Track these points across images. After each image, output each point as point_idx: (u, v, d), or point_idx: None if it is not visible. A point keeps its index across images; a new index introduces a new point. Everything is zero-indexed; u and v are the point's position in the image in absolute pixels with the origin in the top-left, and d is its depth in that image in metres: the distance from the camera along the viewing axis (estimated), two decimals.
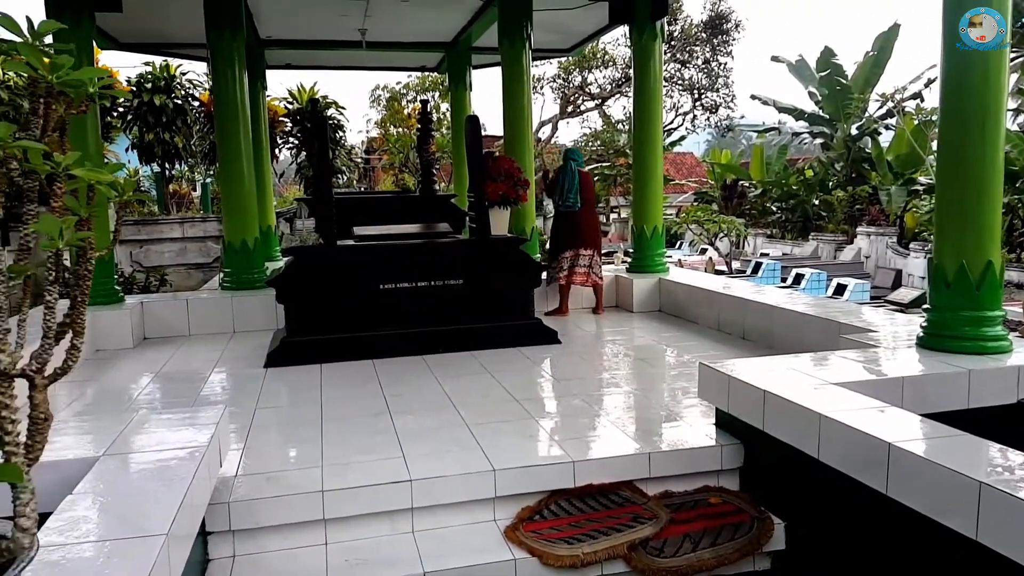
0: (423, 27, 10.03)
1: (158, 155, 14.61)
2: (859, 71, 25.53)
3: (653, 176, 8.11)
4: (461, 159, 10.61)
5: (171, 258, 12.62)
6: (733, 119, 30.82)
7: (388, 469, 3.48)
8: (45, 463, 1.40)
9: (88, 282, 1.32)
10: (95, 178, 1.21)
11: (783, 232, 25.94)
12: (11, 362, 1.24)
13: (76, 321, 1.30)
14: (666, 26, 8.09)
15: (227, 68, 7.19)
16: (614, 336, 6.71)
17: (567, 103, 29.03)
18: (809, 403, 3.21)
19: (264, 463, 3.62)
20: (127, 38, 9.83)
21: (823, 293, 15.58)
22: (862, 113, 25.43)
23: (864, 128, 25.43)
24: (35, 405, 1.32)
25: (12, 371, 1.25)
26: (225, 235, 7.52)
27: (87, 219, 1.27)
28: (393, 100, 26.53)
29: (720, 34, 27.87)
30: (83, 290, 1.32)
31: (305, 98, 16.21)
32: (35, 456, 1.29)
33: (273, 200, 12.77)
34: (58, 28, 1.26)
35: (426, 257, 6.22)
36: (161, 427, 3.14)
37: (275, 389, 5.14)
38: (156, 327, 6.92)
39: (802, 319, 5.66)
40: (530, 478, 3.51)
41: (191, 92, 15.08)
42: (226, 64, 7.19)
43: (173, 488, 2.46)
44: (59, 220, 1.18)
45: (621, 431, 4.02)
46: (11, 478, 1.18)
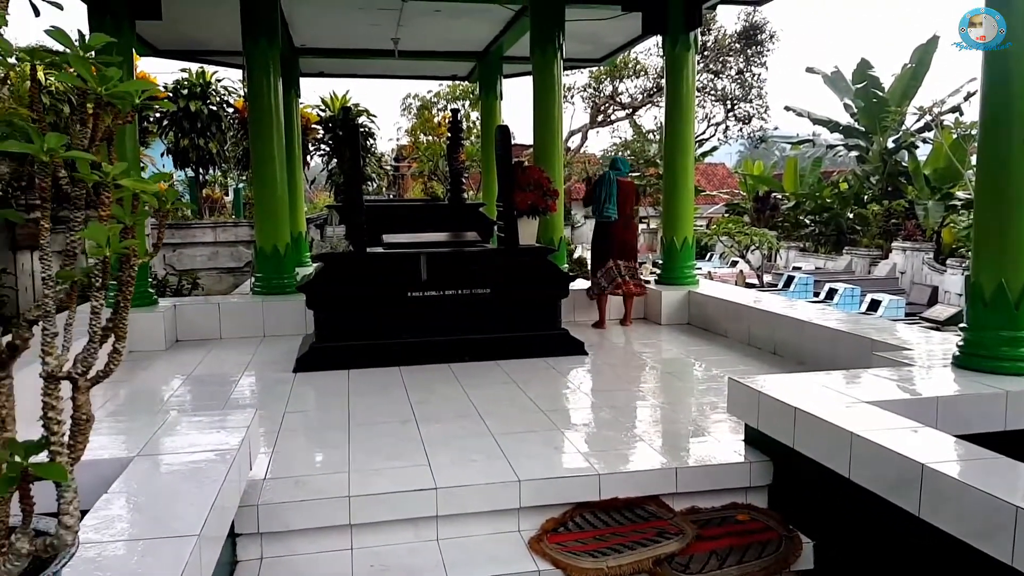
0: (455, 36, 10.12)
1: (192, 160, 14.85)
2: (896, 83, 25.27)
3: (684, 187, 8.09)
4: (490, 168, 10.67)
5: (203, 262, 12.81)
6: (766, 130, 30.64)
7: (414, 476, 3.51)
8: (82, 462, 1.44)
9: (131, 288, 1.36)
10: (141, 188, 1.25)
11: (816, 246, 25.68)
12: (58, 365, 1.29)
13: (119, 326, 1.35)
14: (699, 37, 8.06)
15: (262, 75, 7.31)
16: (642, 348, 6.70)
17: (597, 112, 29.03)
18: (841, 421, 3.19)
19: (292, 467, 3.66)
20: (165, 45, 10.04)
21: (856, 309, 15.39)
22: (899, 126, 25.13)
23: (901, 141, 25.13)
24: (77, 406, 1.36)
25: (59, 373, 1.29)
26: (257, 240, 7.63)
27: (131, 227, 1.32)
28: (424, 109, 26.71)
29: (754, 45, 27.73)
30: (125, 295, 1.37)
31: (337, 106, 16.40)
32: (77, 456, 1.34)
33: (304, 206, 12.92)
34: (107, 41, 1.30)
35: (454, 266, 6.26)
36: (193, 429, 3.20)
37: (304, 394, 5.20)
38: (188, 330, 7.03)
39: (834, 335, 5.61)
40: (555, 490, 3.52)
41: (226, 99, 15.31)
42: (261, 72, 7.31)
43: (204, 490, 2.51)
44: (106, 228, 1.23)
45: (648, 445, 4.01)
46: (56, 477, 1.22)
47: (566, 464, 3.75)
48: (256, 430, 3.42)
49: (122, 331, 1.34)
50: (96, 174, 1.20)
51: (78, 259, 1.37)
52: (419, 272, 6.11)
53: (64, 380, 1.30)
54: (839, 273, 21.10)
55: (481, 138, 12.79)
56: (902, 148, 25.07)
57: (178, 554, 2.06)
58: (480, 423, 4.38)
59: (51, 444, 1.28)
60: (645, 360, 6.26)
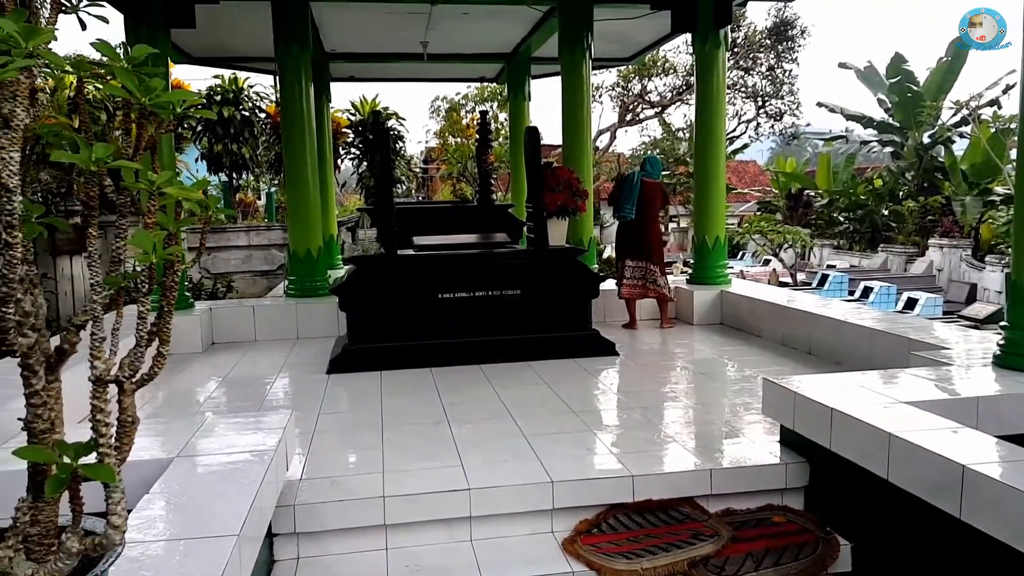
0: (483, 39, 10.15)
1: (226, 165, 15.05)
2: (931, 77, 24.87)
3: (715, 185, 8.04)
4: (519, 169, 10.69)
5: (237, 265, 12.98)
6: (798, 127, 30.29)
7: (447, 477, 3.54)
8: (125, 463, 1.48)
9: (174, 293, 1.40)
10: (185, 195, 1.29)
11: (850, 243, 25.34)
12: (106, 368, 1.32)
13: (163, 329, 1.38)
14: (729, 34, 8.00)
15: (294, 81, 7.40)
16: (674, 349, 6.67)
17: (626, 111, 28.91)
18: (878, 422, 3.15)
19: (327, 468, 3.71)
20: (199, 52, 10.19)
21: (892, 307, 15.18)
22: (934, 121, 24.74)
23: (937, 136, 24.73)
24: (123, 409, 1.40)
25: (107, 377, 1.33)
26: (290, 244, 7.72)
27: (175, 234, 1.35)
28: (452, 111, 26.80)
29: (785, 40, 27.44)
30: (169, 300, 1.40)
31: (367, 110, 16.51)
32: (123, 457, 1.37)
33: (335, 209, 13.04)
34: (150, 53, 1.34)
35: (484, 267, 6.29)
36: (231, 431, 3.25)
37: (337, 395, 5.26)
38: (224, 332, 7.14)
39: (871, 335, 5.54)
40: (588, 491, 3.52)
41: (258, 104, 15.50)
42: (293, 77, 7.40)
43: (243, 490, 2.56)
44: (152, 235, 1.26)
45: (681, 446, 4.00)
46: (105, 478, 1.26)
47: (599, 465, 3.75)
48: (292, 431, 3.47)
49: (166, 335, 1.38)
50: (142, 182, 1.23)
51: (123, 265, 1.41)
52: (449, 274, 6.15)
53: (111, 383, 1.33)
54: (874, 271, 20.82)
55: (509, 139, 12.81)
56: (938, 143, 24.67)
57: (218, 554, 2.10)
58: (512, 424, 4.39)
59: (99, 446, 1.31)
60: (677, 361, 6.24)
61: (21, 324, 1.31)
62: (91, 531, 1.43)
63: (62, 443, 1.32)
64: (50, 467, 1.34)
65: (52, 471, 1.30)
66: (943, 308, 15.64)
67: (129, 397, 1.39)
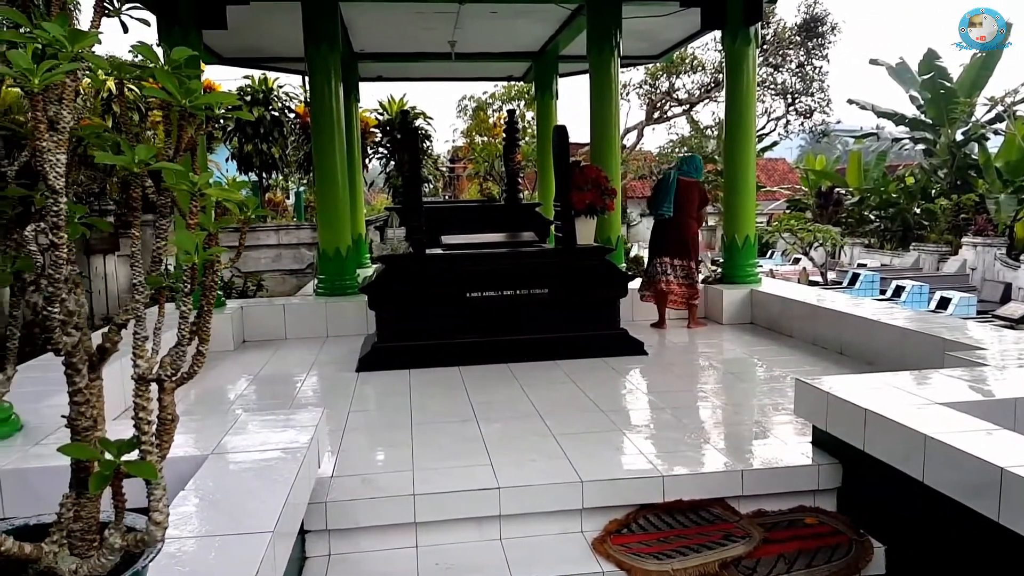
0: (511, 37, 10.15)
1: (256, 165, 15.22)
2: (965, 74, 24.44)
3: (745, 183, 7.97)
4: (547, 168, 10.68)
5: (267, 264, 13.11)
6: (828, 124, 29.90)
7: (476, 476, 3.55)
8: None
9: (214, 293, 1.42)
10: (225, 197, 1.30)
11: (882, 242, 25.00)
12: (148, 367, 1.34)
13: (203, 328, 1.40)
14: (759, 31, 7.93)
15: (323, 81, 7.45)
16: (703, 348, 6.63)
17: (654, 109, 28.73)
18: (913, 423, 3.11)
19: (358, 465, 3.74)
20: (229, 53, 10.30)
21: (925, 307, 14.96)
22: (968, 118, 24.30)
23: (970, 133, 24.30)
24: (164, 406, 1.42)
25: (150, 376, 1.35)
26: (320, 243, 7.78)
27: (215, 234, 1.37)
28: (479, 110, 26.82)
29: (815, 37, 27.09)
30: (209, 300, 1.42)
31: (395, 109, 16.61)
32: (164, 454, 1.39)
33: (364, 209, 13.12)
34: (189, 55, 1.35)
35: (512, 266, 6.29)
36: (264, 428, 3.28)
37: (367, 393, 5.29)
38: (254, 330, 7.21)
39: (903, 335, 5.47)
40: (618, 491, 3.51)
41: (287, 104, 15.65)
42: (323, 77, 7.44)
43: (277, 488, 2.58)
44: (194, 236, 1.28)
45: (712, 446, 3.98)
46: (146, 475, 1.28)
47: (628, 465, 3.74)
48: (323, 429, 3.49)
49: (206, 333, 1.40)
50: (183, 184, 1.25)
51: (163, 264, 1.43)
52: (477, 273, 6.16)
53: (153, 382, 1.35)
54: (906, 270, 20.53)
55: (537, 138, 12.80)
56: (972, 140, 24.24)
57: (253, 550, 2.12)
58: (540, 423, 4.39)
59: (142, 443, 1.33)
60: (707, 360, 6.20)
61: (65, 323, 1.33)
62: (132, 527, 1.45)
63: (105, 440, 1.34)
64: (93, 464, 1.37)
65: (95, 468, 1.33)
66: (977, 308, 15.38)
67: (170, 395, 1.41)
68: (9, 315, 1.60)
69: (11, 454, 2.96)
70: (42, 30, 1.16)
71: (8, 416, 3.20)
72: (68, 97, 1.22)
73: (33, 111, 1.20)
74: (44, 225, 1.30)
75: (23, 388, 2.99)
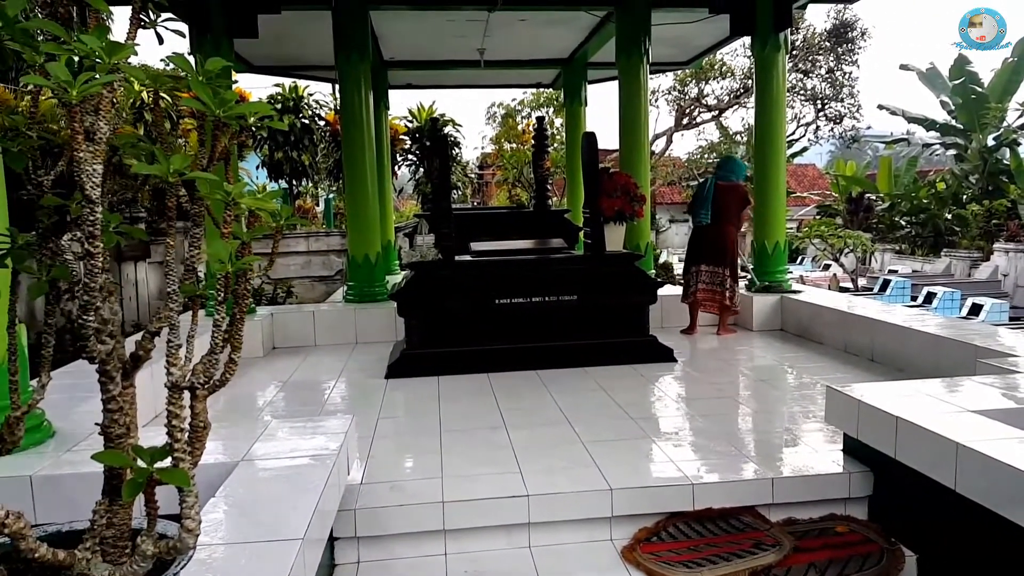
0: (540, 44, 10.16)
1: (286, 172, 15.35)
2: (997, 79, 24.02)
3: (775, 189, 7.89)
4: (576, 174, 10.65)
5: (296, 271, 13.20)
6: (858, 130, 29.59)
7: (506, 483, 3.53)
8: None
9: (247, 301, 1.42)
10: (259, 206, 1.30)
11: (913, 248, 24.62)
12: (182, 375, 1.35)
13: (235, 336, 1.40)
14: (789, 36, 7.85)
15: (354, 89, 7.50)
16: (733, 356, 6.56)
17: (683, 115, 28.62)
18: (945, 431, 3.05)
19: (387, 472, 3.74)
20: (260, 61, 10.41)
21: (957, 313, 14.69)
22: (999, 123, 23.88)
23: (1002, 139, 23.87)
24: (196, 414, 1.42)
25: (183, 383, 1.35)
26: (349, 250, 7.82)
27: (248, 243, 1.37)
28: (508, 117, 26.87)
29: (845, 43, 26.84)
30: (242, 308, 1.42)
31: (424, 116, 16.67)
32: (196, 462, 1.40)
33: (393, 216, 13.18)
34: (224, 66, 1.36)
35: (541, 273, 6.27)
36: (294, 435, 3.29)
37: (396, 400, 5.30)
38: (284, 337, 7.26)
39: (935, 341, 5.37)
40: (647, 499, 3.48)
41: (317, 112, 15.77)
42: (353, 85, 7.49)
43: (307, 494, 2.58)
44: (228, 245, 1.28)
45: (742, 454, 3.93)
46: (179, 482, 1.28)
47: (658, 473, 3.70)
48: (353, 435, 3.49)
49: (239, 341, 1.40)
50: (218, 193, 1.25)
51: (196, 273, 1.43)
52: (506, 280, 6.15)
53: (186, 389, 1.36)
54: (937, 276, 20.18)
55: (566, 144, 12.79)
56: (1003, 145, 23.81)
57: (283, 557, 2.12)
58: (569, 430, 4.37)
59: (174, 450, 1.33)
60: (737, 367, 6.13)
61: (100, 331, 1.34)
62: (164, 534, 1.45)
63: (138, 447, 1.35)
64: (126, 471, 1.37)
65: (128, 475, 1.33)
66: (1009, 314, 15.07)
67: (202, 403, 1.42)
68: (44, 323, 1.61)
69: (43, 460, 2.99)
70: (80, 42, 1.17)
71: (40, 423, 3.22)
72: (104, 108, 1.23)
73: (71, 122, 1.21)
74: (80, 234, 1.31)
75: (54, 395, 3.03)
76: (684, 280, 7.45)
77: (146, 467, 1.28)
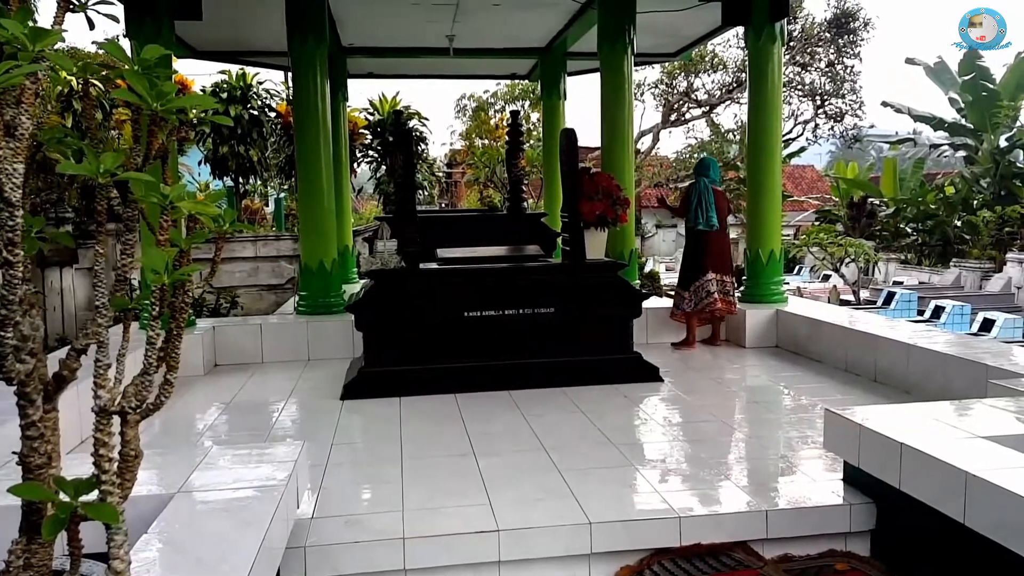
0: (515, 32, 10.20)
1: (232, 169, 15.21)
2: (1009, 75, 24.55)
3: (770, 193, 7.98)
4: (553, 175, 10.70)
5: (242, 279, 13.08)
6: (861, 128, 30.02)
7: (474, 517, 3.52)
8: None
9: (185, 315, 1.41)
10: (200, 211, 1.29)
11: (919, 257, 25.03)
12: (111, 398, 1.33)
13: (171, 354, 1.39)
14: (786, 27, 7.96)
15: (309, 77, 7.47)
16: (724, 374, 6.61)
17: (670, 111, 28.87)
18: (954, 459, 3.09)
19: (342, 505, 3.71)
20: (204, 46, 10.34)
21: (967, 329, 14.93)
22: (1013, 122, 24.41)
23: (1015, 139, 24.38)
24: (126, 441, 1.40)
25: (112, 408, 1.34)
26: (302, 256, 7.77)
27: (187, 251, 1.36)
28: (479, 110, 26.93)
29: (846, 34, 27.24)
30: (179, 323, 1.41)
31: (387, 109, 16.64)
32: (126, 495, 1.38)
33: (351, 218, 13.13)
34: (162, 54, 1.35)
35: (515, 283, 6.28)
36: (237, 463, 3.25)
37: (352, 423, 5.27)
38: (228, 353, 7.19)
39: (943, 360, 5.46)
40: (630, 534, 3.49)
41: (268, 103, 15.67)
42: (308, 73, 7.47)
43: (251, 530, 2.56)
44: (164, 253, 1.27)
45: (734, 484, 3.95)
46: (107, 518, 1.26)
47: (642, 505, 3.71)
48: (303, 464, 3.47)
49: (175, 360, 1.39)
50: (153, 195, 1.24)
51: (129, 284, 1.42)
52: (476, 290, 6.15)
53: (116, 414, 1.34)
54: (946, 288, 20.51)
55: (543, 142, 12.84)
56: (1016, 147, 24.32)
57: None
58: (545, 457, 4.37)
59: (102, 482, 1.32)
60: (728, 387, 6.18)
61: (19, 349, 1.32)
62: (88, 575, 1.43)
63: (60, 479, 1.33)
64: (47, 506, 1.35)
65: (50, 510, 1.31)
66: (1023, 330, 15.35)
67: (133, 428, 1.40)
68: None
69: None
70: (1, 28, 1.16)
71: None
72: (27, 100, 1.21)
73: None
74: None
75: None
76: (685, 292, 7.47)
77: (70, 501, 1.26)
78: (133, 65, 1.31)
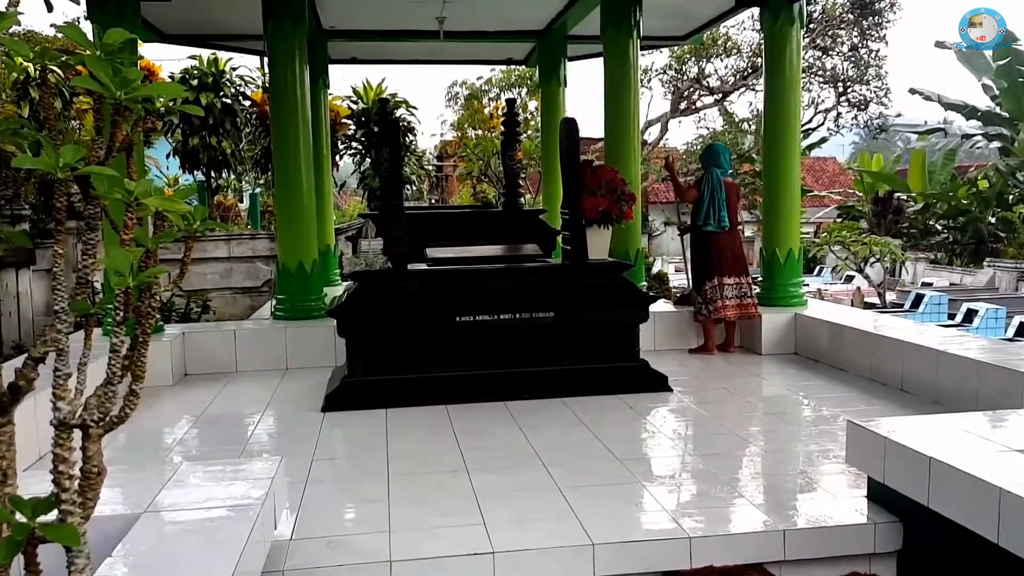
0: (511, 13, 10.20)
1: (203, 162, 15.18)
2: None
3: (788, 187, 8.00)
4: (553, 168, 10.70)
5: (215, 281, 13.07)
6: (887, 117, 30.06)
7: (467, 538, 3.54)
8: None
9: (151, 321, 1.41)
10: (167, 208, 1.30)
11: (950, 257, 25.08)
12: (71, 411, 1.34)
13: (137, 363, 1.40)
14: (805, 8, 7.98)
15: (286, 63, 7.49)
16: (738, 383, 6.63)
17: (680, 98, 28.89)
18: (987, 474, 3.10)
19: (323, 525, 3.72)
20: (173, 29, 10.32)
21: (1002, 334, 14.96)
22: None
23: None
24: (88, 457, 1.41)
25: (72, 421, 1.34)
26: (279, 256, 7.78)
27: (154, 252, 1.37)
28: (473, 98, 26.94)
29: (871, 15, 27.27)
30: (145, 330, 1.42)
31: (372, 97, 16.63)
32: (87, 515, 1.38)
33: (333, 215, 13.13)
34: (127, 38, 1.36)
35: (511, 285, 6.30)
36: (209, 480, 3.26)
37: (334, 437, 5.29)
38: (199, 361, 7.20)
39: (976, 368, 5.48)
40: (636, 556, 3.50)
41: (242, 90, 15.65)
42: (285, 58, 7.48)
43: (223, 553, 2.56)
44: (129, 253, 1.28)
45: (748, 502, 3.97)
46: (68, 540, 1.27)
47: (649, 525, 3.73)
48: (281, 481, 3.47)
49: (141, 370, 1.39)
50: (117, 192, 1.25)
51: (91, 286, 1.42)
52: (469, 293, 6.16)
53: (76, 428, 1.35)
54: (979, 290, 20.56)
55: (541, 132, 12.84)
56: None
57: None
58: (544, 473, 4.38)
59: (61, 501, 1.32)
60: (743, 397, 6.20)
61: None
62: None
63: (16, 498, 1.33)
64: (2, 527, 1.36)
65: (5, 532, 1.32)
66: None
67: (96, 443, 1.40)
68: None
69: None
70: None
71: None
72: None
73: None
74: None
75: None
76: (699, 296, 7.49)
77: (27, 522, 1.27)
78: (95, 50, 1.32)
